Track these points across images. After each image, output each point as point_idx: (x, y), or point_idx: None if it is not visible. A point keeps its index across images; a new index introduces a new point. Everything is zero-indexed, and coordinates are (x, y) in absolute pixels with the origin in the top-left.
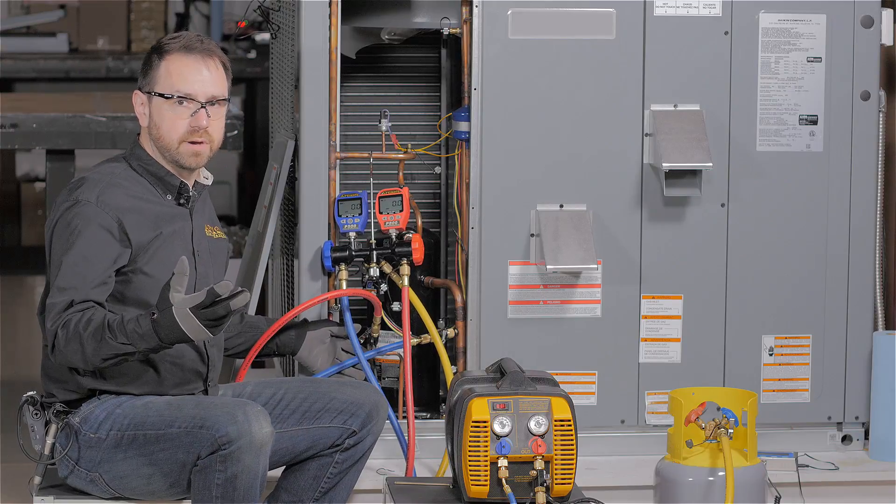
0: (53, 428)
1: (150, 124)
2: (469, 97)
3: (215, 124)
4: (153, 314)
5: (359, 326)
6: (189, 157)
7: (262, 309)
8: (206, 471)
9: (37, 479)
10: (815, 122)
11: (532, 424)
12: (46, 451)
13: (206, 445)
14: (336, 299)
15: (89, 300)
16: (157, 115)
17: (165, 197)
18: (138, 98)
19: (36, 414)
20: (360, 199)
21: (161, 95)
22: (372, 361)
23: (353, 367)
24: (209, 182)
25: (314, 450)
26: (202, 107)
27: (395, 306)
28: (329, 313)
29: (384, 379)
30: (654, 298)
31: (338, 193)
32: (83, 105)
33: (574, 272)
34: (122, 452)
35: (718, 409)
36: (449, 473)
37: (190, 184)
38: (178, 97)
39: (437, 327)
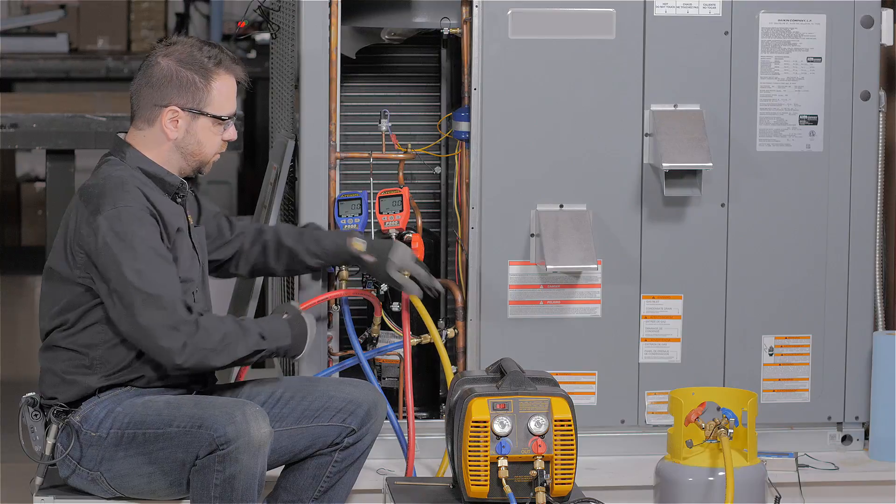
0: (54, 428)
1: (186, 139)
2: (469, 97)
3: None
4: (284, 314)
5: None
6: (212, 166)
7: (261, 309)
8: (204, 471)
9: (38, 480)
10: (815, 122)
11: (532, 424)
12: (47, 452)
13: (205, 445)
14: (336, 299)
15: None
16: (203, 134)
17: (164, 196)
18: (172, 113)
19: (35, 415)
20: (360, 199)
21: (216, 117)
22: (372, 361)
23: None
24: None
25: (313, 449)
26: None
27: (395, 306)
28: (329, 313)
29: (384, 379)
30: (654, 298)
31: (338, 193)
32: (83, 105)
33: (574, 272)
34: (123, 451)
35: (718, 409)
36: (449, 473)
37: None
38: (227, 118)
39: (437, 327)
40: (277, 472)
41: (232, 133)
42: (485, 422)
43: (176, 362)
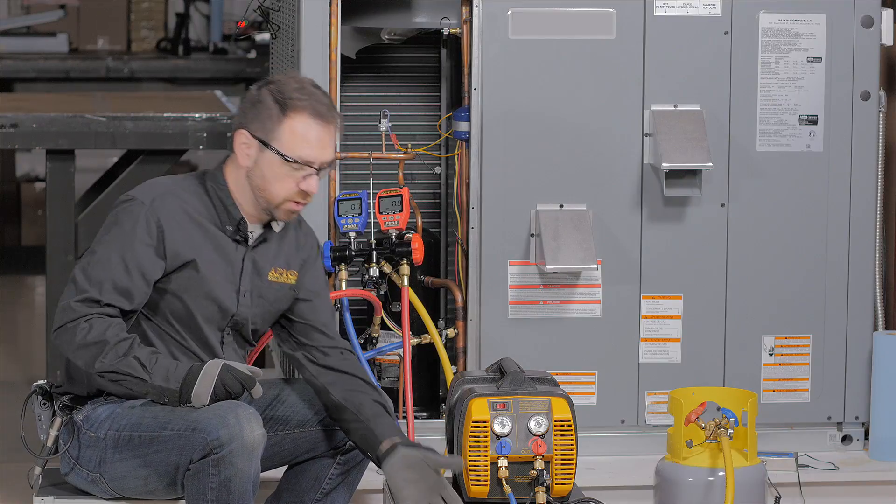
0: (58, 421)
1: (254, 170)
2: (469, 97)
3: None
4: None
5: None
6: (285, 215)
7: None
8: (199, 475)
9: (37, 470)
10: (815, 122)
11: (532, 424)
12: (49, 444)
13: (199, 449)
14: (336, 299)
15: (113, 305)
16: (268, 169)
17: (226, 227)
18: (243, 137)
19: (44, 404)
20: (360, 199)
21: (281, 155)
22: (372, 361)
23: None
24: (278, 229)
25: (316, 451)
26: (316, 172)
27: (395, 306)
28: None
29: (384, 379)
30: (654, 298)
31: (338, 193)
32: (83, 105)
33: (574, 272)
34: (119, 453)
35: (718, 409)
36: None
37: (255, 222)
38: (298, 162)
39: (437, 327)
40: (280, 472)
41: (311, 184)
42: (485, 422)
43: (52, 338)
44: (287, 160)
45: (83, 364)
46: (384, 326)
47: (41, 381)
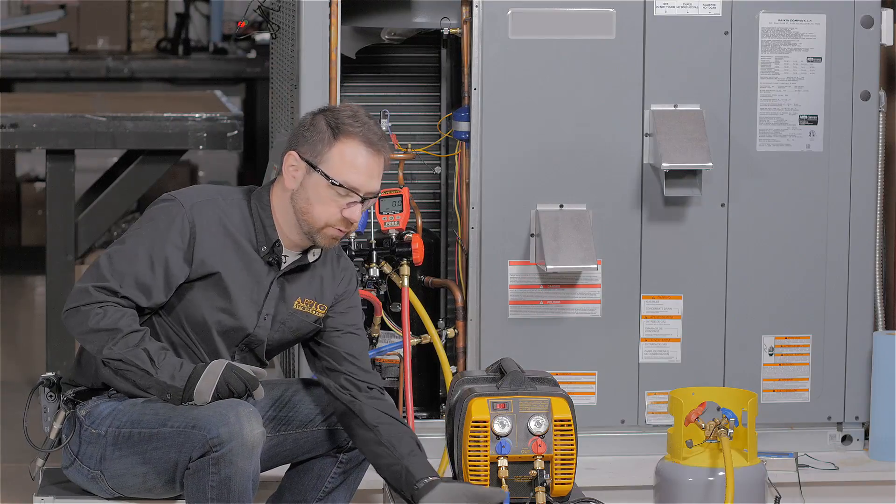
0: (62, 415)
1: (299, 193)
2: (469, 97)
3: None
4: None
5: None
6: (327, 241)
7: None
8: (199, 473)
9: (39, 462)
10: (815, 122)
11: (532, 424)
12: (52, 437)
13: (198, 447)
14: None
15: (129, 298)
16: (313, 192)
17: (260, 247)
18: (292, 159)
19: (51, 396)
20: None
21: (327, 177)
22: (372, 361)
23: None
24: (313, 259)
25: (318, 450)
26: (361, 201)
27: (395, 306)
28: None
29: (384, 379)
30: (654, 298)
31: None
32: (83, 105)
33: (574, 272)
34: (119, 450)
35: (718, 409)
36: (449, 473)
37: (293, 248)
38: (344, 187)
39: (437, 327)
40: (281, 471)
41: (354, 213)
42: (485, 422)
43: (62, 318)
44: (333, 184)
45: (92, 348)
46: (384, 326)
47: (49, 374)
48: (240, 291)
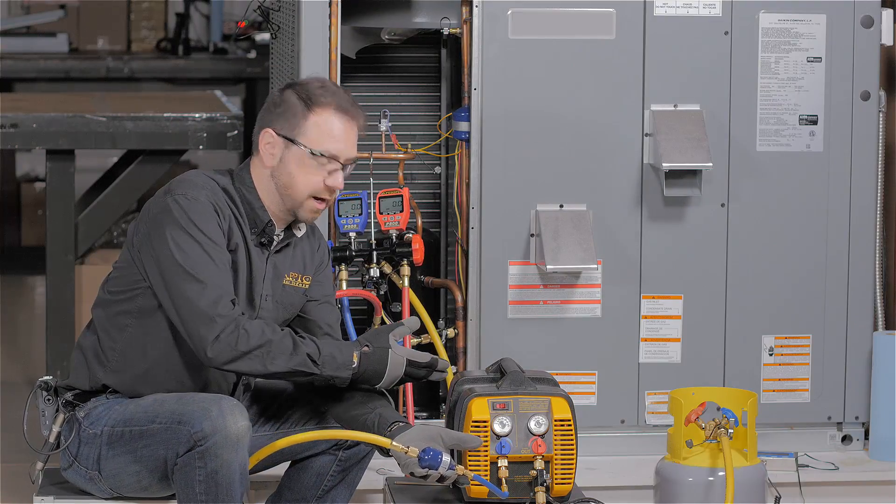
0: (60, 417)
1: (279, 168)
2: (469, 97)
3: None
4: (366, 346)
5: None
6: (309, 213)
7: None
8: (186, 469)
9: (38, 465)
10: (815, 122)
11: (532, 424)
12: (52, 440)
13: (184, 442)
14: (336, 299)
15: (235, 302)
16: (294, 165)
17: (250, 230)
18: (268, 137)
19: (48, 399)
20: (360, 199)
21: (307, 149)
22: None
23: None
24: (300, 234)
25: (317, 448)
26: (342, 168)
27: (395, 306)
28: None
29: None
30: (654, 298)
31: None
32: (83, 105)
33: (574, 272)
34: (113, 449)
35: (718, 409)
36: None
37: (278, 227)
38: (325, 156)
39: (437, 327)
40: (281, 470)
41: (337, 179)
42: (485, 422)
43: (208, 354)
44: (314, 154)
45: (249, 369)
46: None
47: (46, 377)
48: (243, 275)
